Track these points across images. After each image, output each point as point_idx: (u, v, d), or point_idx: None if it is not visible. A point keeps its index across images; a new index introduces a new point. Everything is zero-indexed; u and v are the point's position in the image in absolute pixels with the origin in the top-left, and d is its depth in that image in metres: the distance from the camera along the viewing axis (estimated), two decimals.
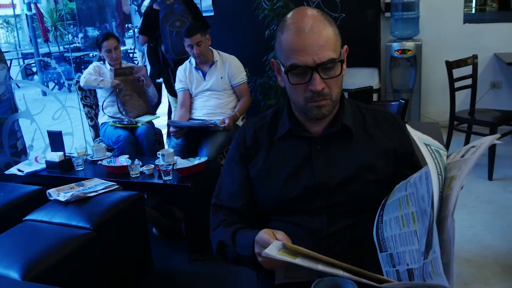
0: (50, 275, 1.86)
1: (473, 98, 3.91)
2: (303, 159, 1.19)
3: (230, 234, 1.17)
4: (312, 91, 1.10)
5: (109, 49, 3.45)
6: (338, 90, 1.15)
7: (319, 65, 1.08)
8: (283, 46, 1.12)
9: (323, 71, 1.10)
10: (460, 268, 2.46)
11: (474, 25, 4.69)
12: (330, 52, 1.09)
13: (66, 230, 2.15)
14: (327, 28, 1.10)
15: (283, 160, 1.22)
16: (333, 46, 1.10)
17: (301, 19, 1.10)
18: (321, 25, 1.09)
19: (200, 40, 3.21)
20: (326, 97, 1.12)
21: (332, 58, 1.09)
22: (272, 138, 1.25)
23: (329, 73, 1.11)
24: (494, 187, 3.34)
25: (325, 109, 1.14)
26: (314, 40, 1.07)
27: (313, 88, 1.10)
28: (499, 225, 2.86)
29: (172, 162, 2.71)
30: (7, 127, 3.50)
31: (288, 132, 1.22)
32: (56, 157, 2.88)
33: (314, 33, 1.07)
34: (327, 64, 1.09)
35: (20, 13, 11.68)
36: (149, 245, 2.61)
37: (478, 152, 0.82)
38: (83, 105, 3.73)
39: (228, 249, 1.18)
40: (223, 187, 1.30)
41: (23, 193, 2.58)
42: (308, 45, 1.07)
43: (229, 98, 3.39)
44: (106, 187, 2.51)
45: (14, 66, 10.37)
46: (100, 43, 3.48)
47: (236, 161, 1.29)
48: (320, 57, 1.08)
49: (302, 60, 1.08)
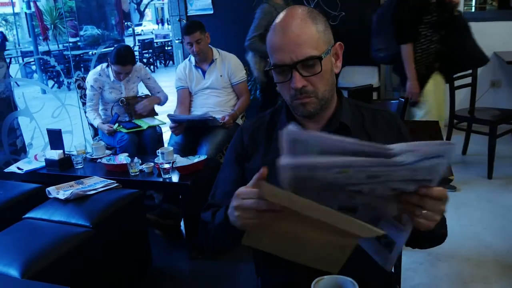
0: (50, 273, 1.86)
1: (473, 96, 3.91)
2: None
3: (211, 213, 1.19)
4: (294, 89, 1.11)
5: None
6: (326, 87, 1.14)
7: (297, 63, 1.08)
8: (267, 45, 1.14)
9: (304, 68, 1.10)
10: (460, 266, 2.47)
11: (474, 23, 4.63)
12: (309, 50, 1.08)
13: (66, 228, 2.15)
14: (309, 26, 1.10)
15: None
16: (313, 43, 1.09)
17: (285, 18, 1.11)
18: (302, 24, 1.09)
19: (200, 37, 3.20)
20: (309, 94, 1.12)
21: (310, 56, 1.08)
22: (270, 137, 1.24)
23: (310, 70, 1.10)
24: (494, 186, 3.34)
25: (310, 106, 1.14)
26: (292, 39, 1.08)
27: (293, 86, 1.10)
28: (499, 224, 2.86)
29: (172, 160, 2.71)
30: (7, 125, 3.50)
31: None
32: (55, 155, 2.88)
33: (293, 32, 1.08)
34: (307, 62, 1.09)
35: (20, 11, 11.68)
36: (148, 243, 2.61)
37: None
38: (82, 103, 3.73)
39: (209, 225, 1.18)
40: (218, 188, 1.30)
41: (22, 191, 2.58)
42: (286, 44, 1.09)
43: (229, 96, 3.39)
44: (106, 185, 2.50)
45: (13, 64, 10.37)
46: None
47: (233, 161, 1.29)
48: (297, 55, 1.08)
49: (281, 58, 1.10)
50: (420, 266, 2.46)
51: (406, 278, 2.33)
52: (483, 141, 3.68)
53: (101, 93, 3.45)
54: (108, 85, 3.45)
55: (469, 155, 3.98)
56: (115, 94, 3.46)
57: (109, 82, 3.44)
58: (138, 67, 3.56)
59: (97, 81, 3.41)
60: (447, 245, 2.64)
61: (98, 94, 3.44)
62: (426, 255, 2.54)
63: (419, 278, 2.38)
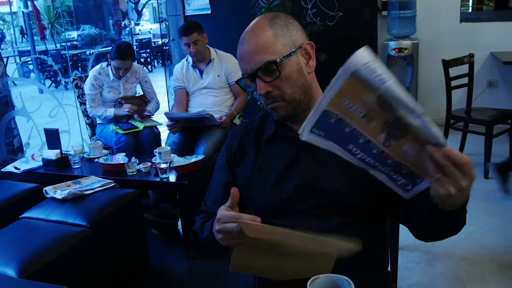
0: (47, 273, 1.86)
1: (470, 96, 3.92)
2: (291, 160, 1.19)
3: (200, 223, 1.23)
4: (260, 96, 1.13)
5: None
6: (293, 89, 1.13)
7: (256, 70, 1.10)
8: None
9: (265, 74, 1.11)
10: (456, 266, 2.48)
11: (470, 24, 4.70)
12: (266, 56, 1.09)
13: (63, 227, 2.15)
14: (264, 33, 1.11)
15: (271, 162, 1.22)
16: (270, 49, 1.10)
17: (246, 30, 1.14)
18: (258, 31, 1.11)
19: (197, 38, 3.20)
20: (276, 98, 1.13)
21: (267, 61, 1.09)
22: (259, 141, 1.26)
23: (272, 75, 1.11)
24: (490, 185, 3.36)
25: (281, 110, 1.15)
26: (249, 48, 1.11)
27: (257, 93, 1.13)
28: (495, 223, 2.87)
29: (169, 160, 2.71)
30: (4, 125, 3.50)
31: (274, 133, 1.23)
32: (52, 154, 2.88)
33: (249, 42, 1.11)
34: (267, 68, 1.10)
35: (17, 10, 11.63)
36: (145, 242, 2.61)
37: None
38: (80, 103, 3.73)
39: (199, 236, 1.23)
40: (210, 192, 1.34)
41: (19, 191, 2.58)
42: (245, 54, 1.12)
43: (226, 96, 3.39)
44: (103, 185, 2.50)
45: (10, 63, 10.34)
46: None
47: (222, 166, 1.31)
48: (255, 63, 1.10)
49: (243, 68, 1.14)
50: (416, 265, 2.47)
51: (402, 277, 2.34)
52: (479, 141, 3.69)
53: (100, 92, 3.46)
54: (107, 84, 3.45)
55: (466, 155, 3.97)
56: (113, 93, 3.47)
57: (108, 81, 3.45)
58: (137, 68, 3.57)
59: (97, 80, 3.43)
60: (444, 244, 2.65)
61: (99, 94, 3.45)
62: (423, 254, 2.55)
63: (416, 277, 2.39)
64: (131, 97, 3.54)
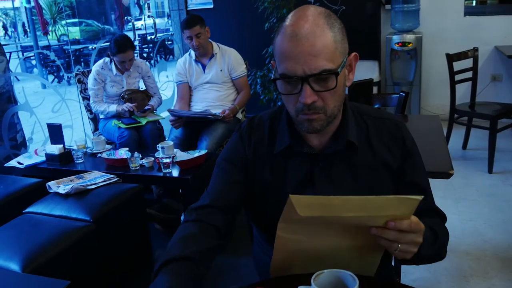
0: (50, 267, 1.87)
1: (474, 91, 3.90)
2: (305, 177, 1.12)
3: (159, 264, 1.03)
4: (303, 103, 1.00)
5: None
6: (336, 103, 1.03)
7: (310, 76, 0.97)
8: (276, 50, 1.02)
9: (316, 82, 0.98)
10: (459, 261, 2.47)
11: (474, 17, 4.67)
12: (325, 62, 0.96)
13: (66, 222, 2.15)
14: (325, 34, 0.97)
15: (285, 178, 1.14)
16: (329, 55, 0.97)
17: (297, 21, 0.98)
18: (318, 30, 0.96)
19: (200, 31, 3.19)
20: (319, 111, 1.01)
21: (325, 70, 0.97)
22: (271, 153, 1.15)
23: (324, 85, 0.99)
24: (494, 180, 3.34)
25: (317, 123, 1.03)
26: (307, 48, 0.95)
27: (302, 101, 0.99)
28: (499, 219, 2.87)
29: (172, 155, 2.71)
30: (7, 120, 3.50)
31: (288, 147, 1.12)
32: (55, 149, 2.88)
33: (308, 40, 0.95)
34: (321, 76, 0.97)
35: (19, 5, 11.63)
36: (148, 237, 2.62)
37: None
38: (82, 98, 3.72)
39: (155, 264, 1.05)
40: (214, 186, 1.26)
41: (23, 186, 2.58)
42: (300, 53, 0.96)
43: (229, 90, 3.39)
44: (106, 180, 2.51)
45: (13, 58, 10.34)
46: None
47: (233, 163, 1.20)
48: (311, 67, 0.96)
49: (292, 69, 0.97)
50: None
51: (406, 272, 2.33)
52: (483, 136, 3.67)
53: (103, 86, 3.46)
54: (110, 79, 3.45)
55: (469, 150, 3.98)
56: (116, 88, 3.47)
57: (111, 76, 3.44)
58: (139, 62, 3.57)
59: (99, 74, 3.43)
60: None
61: (102, 89, 3.45)
62: None
63: (419, 272, 2.38)
64: (135, 90, 3.53)
